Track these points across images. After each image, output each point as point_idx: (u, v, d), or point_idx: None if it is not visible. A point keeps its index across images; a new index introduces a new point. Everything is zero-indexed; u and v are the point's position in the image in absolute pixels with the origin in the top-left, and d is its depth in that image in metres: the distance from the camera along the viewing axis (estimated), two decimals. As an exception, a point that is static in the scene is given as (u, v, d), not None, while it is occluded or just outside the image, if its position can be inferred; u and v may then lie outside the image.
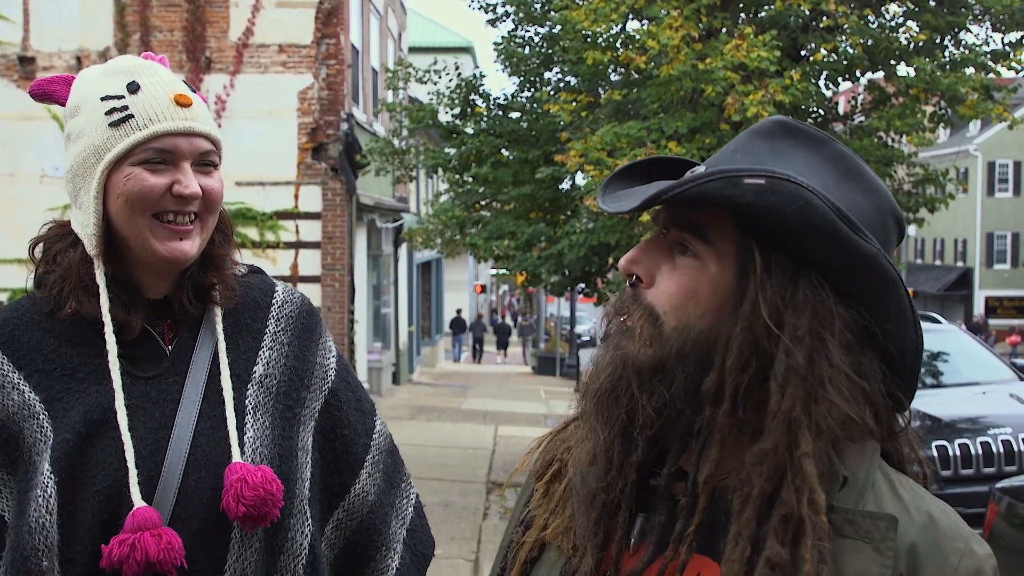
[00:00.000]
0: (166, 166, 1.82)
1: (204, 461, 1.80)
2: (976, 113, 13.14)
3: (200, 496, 1.78)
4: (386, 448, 2.15)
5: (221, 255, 1.95)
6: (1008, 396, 9.73)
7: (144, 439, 1.79)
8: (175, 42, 16.67)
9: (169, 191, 1.81)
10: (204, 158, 1.87)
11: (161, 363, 1.87)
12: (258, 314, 2.00)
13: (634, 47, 12.80)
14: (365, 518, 2.05)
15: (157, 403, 1.83)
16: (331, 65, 16.84)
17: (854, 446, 1.31)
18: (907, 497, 1.30)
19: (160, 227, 1.82)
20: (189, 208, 1.83)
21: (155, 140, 1.81)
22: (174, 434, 1.80)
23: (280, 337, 1.99)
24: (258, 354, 1.95)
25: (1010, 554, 5.79)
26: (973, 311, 50.25)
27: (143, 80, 1.85)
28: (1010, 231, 50.87)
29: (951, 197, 15.14)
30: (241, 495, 1.73)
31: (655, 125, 11.84)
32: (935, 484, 8.67)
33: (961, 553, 1.26)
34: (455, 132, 15.32)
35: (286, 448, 1.89)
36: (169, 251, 1.82)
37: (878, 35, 12.99)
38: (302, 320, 2.05)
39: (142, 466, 1.76)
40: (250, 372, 1.92)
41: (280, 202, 16.79)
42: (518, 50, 15.03)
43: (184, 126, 1.83)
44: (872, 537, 1.23)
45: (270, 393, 1.92)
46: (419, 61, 17.21)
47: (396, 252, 24.64)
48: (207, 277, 1.91)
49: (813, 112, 14.12)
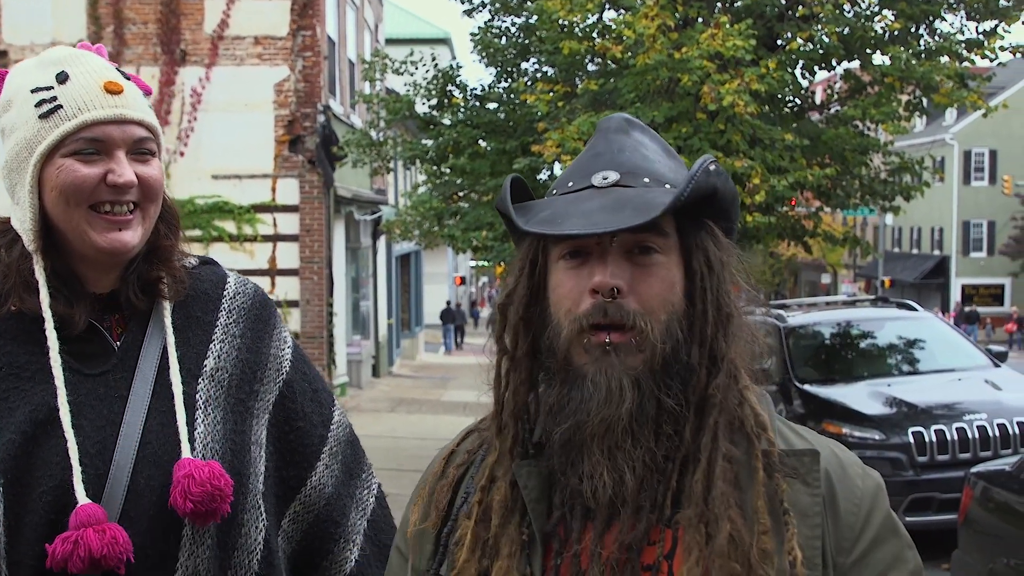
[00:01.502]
0: (99, 156, 1.77)
1: (153, 458, 1.76)
2: (951, 101, 13.23)
3: (150, 494, 1.74)
4: (345, 438, 2.10)
5: (167, 247, 1.90)
6: (983, 382, 9.80)
7: (91, 437, 1.75)
8: (149, 34, 16.57)
9: (103, 181, 1.76)
10: (139, 146, 1.81)
11: (109, 359, 1.83)
12: (209, 306, 1.95)
13: (610, 37, 12.82)
14: (322, 510, 2.02)
15: (105, 400, 1.79)
16: (307, 57, 16.77)
17: (757, 393, 1.50)
18: (807, 435, 1.51)
19: (97, 218, 1.77)
20: (126, 198, 1.78)
21: (85, 129, 1.76)
22: (122, 431, 1.77)
23: (232, 329, 1.95)
24: (209, 347, 1.91)
25: (985, 537, 5.84)
26: (950, 299, 50.55)
27: (72, 69, 1.81)
28: (986, 219, 51.17)
29: (927, 185, 15.21)
30: (188, 491, 1.70)
31: (632, 114, 11.81)
32: (911, 470, 8.73)
33: (862, 476, 1.49)
34: (432, 123, 15.30)
35: (238, 443, 1.85)
36: (108, 242, 1.77)
37: (854, 24, 13.05)
38: (255, 311, 2.00)
39: (89, 464, 1.72)
40: (201, 366, 1.88)
41: (257, 195, 16.73)
42: (495, 40, 15.02)
43: (114, 114, 1.78)
44: (798, 472, 1.42)
45: (221, 387, 1.88)
46: (396, 52, 17.16)
47: (375, 244, 24.60)
48: (153, 270, 1.87)
49: (789, 101, 14.17)
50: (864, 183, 14.58)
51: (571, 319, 1.43)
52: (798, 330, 11.14)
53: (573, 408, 1.41)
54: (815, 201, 15.03)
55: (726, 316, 1.46)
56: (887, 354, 11.14)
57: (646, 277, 1.42)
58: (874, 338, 11.34)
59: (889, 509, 1.50)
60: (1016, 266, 47.39)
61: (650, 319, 1.41)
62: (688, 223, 1.46)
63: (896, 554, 1.46)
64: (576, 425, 1.40)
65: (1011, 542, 5.47)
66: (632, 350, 1.40)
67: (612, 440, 1.39)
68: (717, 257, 1.46)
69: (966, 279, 51.62)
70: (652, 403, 1.40)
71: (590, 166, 1.50)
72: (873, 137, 14.10)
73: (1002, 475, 5.86)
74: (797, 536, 1.38)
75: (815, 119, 14.46)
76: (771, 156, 12.06)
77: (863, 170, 14.34)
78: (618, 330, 1.40)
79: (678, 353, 1.42)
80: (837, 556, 1.42)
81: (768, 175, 11.95)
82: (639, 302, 1.41)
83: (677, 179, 1.49)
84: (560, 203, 1.47)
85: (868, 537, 1.44)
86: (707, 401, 1.42)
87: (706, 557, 1.35)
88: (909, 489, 8.67)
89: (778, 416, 1.53)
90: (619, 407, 1.38)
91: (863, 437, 8.91)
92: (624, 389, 1.39)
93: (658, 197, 1.41)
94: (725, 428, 1.42)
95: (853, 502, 1.45)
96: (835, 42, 12.81)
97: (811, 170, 12.29)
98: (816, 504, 1.42)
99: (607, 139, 1.52)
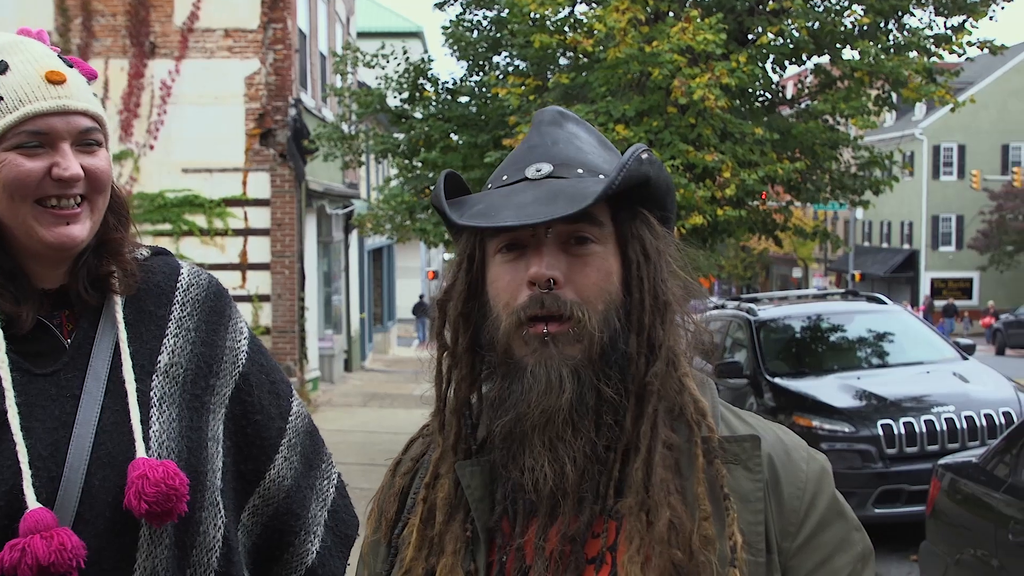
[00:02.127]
0: (43, 149, 1.70)
1: (108, 458, 1.72)
2: (919, 96, 13.31)
3: (105, 495, 1.70)
4: (303, 429, 2.07)
5: (117, 239, 1.85)
6: (951, 375, 9.89)
7: (43, 439, 1.70)
8: (118, 27, 16.43)
9: (48, 175, 1.70)
10: (85, 137, 1.75)
11: (60, 357, 1.77)
12: (162, 300, 1.90)
13: (581, 30, 12.83)
14: (282, 503, 1.99)
15: (57, 400, 1.74)
16: (278, 50, 16.68)
17: (698, 380, 1.50)
18: (751, 421, 1.52)
19: (44, 213, 1.72)
20: (72, 191, 1.72)
21: (27, 122, 1.69)
22: (75, 432, 1.72)
23: (186, 323, 1.90)
24: (163, 343, 1.86)
25: (952, 528, 5.89)
26: (920, 292, 50.88)
27: (12, 59, 1.74)
28: (954, 214, 51.53)
29: (896, 180, 15.32)
30: (143, 492, 1.66)
31: (603, 108, 11.86)
32: (880, 462, 8.79)
33: (807, 459, 1.49)
34: (404, 117, 15.27)
35: (195, 440, 1.81)
36: (55, 237, 1.72)
37: (823, 18, 13.11)
38: (209, 303, 1.95)
39: (42, 467, 1.68)
40: (154, 362, 1.83)
41: (228, 189, 16.63)
42: (466, 34, 15.01)
43: (57, 105, 1.71)
44: (739, 457, 1.43)
45: (176, 383, 1.84)
46: (368, 46, 17.11)
47: (347, 238, 24.52)
48: (103, 264, 1.82)
49: (760, 95, 14.22)
50: (834, 177, 14.66)
51: (509, 312, 1.42)
52: (769, 324, 11.20)
53: (514, 400, 1.41)
54: (786, 195, 15.09)
55: (663, 304, 1.46)
56: (857, 347, 11.22)
57: (582, 267, 1.42)
58: (844, 331, 11.42)
59: (835, 492, 1.49)
60: (984, 260, 47.75)
61: (587, 309, 1.40)
62: (623, 212, 1.47)
63: (843, 536, 1.46)
64: (517, 417, 1.40)
65: (977, 533, 5.52)
66: (571, 340, 1.40)
67: (553, 431, 1.39)
68: (653, 246, 1.47)
69: (935, 273, 51.98)
70: (592, 393, 1.40)
71: (524, 159, 1.50)
72: (843, 132, 14.18)
73: (969, 467, 5.91)
74: (738, 521, 1.38)
75: (785, 113, 14.52)
76: (741, 150, 12.10)
77: (833, 164, 14.42)
78: (556, 321, 1.40)
79: (616, 342, 1.42)
80: (782, 540, 1.42)
81: (738, 169, 11.99)
82: (576, 292, 1.41)
83: (611, 169, 1.47)
84: (494, 196, 1.47)
85: (813, 520, 1.44)
86: (646, 389, 1.42)
87: (647, 544, 1.35)
88: (878, 481, 8.73)
89: (722, 402, 1.53)
90: (559, 397, 1.38)
91: (833, 430, 8.96)
92: (563, 379, 1.38)
93: (591, 187, 1.41)
94: (664, 416, 1.42)
95: (797, 486, 1.45)
96: (805, 36, 12.87)
97: (781, 164, 12.34)
98: (758, 489, 1.42)
99: (541, 132, 1.52)
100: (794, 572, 1.43)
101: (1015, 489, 5.29)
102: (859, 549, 1.47)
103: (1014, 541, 5.03)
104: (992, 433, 8.66)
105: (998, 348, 35.15)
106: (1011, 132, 50.28)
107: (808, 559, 1.43)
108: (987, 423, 8.92)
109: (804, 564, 1.43)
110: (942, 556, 5.84)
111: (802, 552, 1.43)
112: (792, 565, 1.43)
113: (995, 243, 46.31)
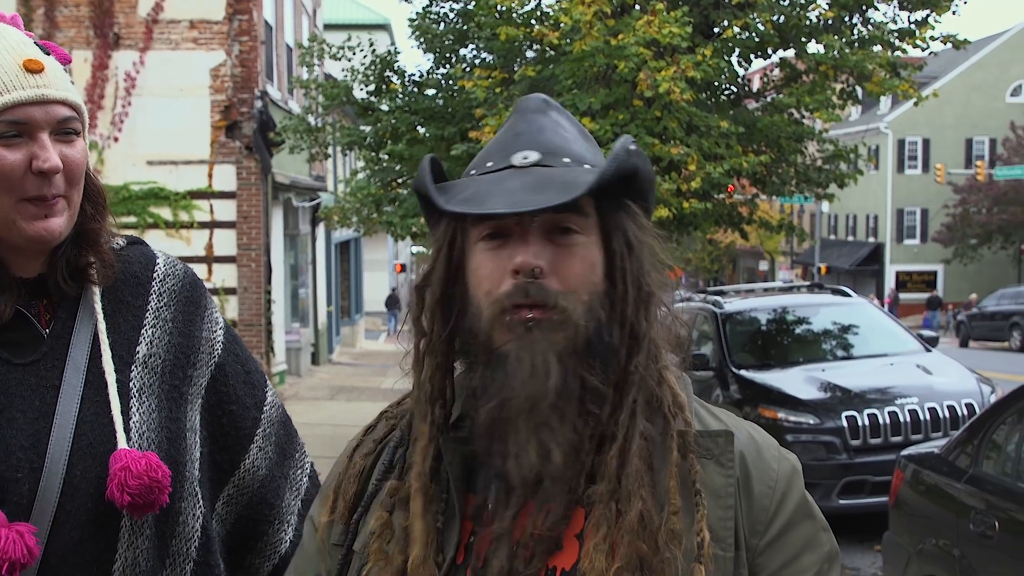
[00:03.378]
0: (21, 139, 1.68)
1: (89, 449, 1.72)
2: (883, 90, 13.42)
3: (86, 486, 1.70)
4: (278, 419, 2.07)
5: (95, 230, 1.83)
6: (915, 367, 9.96)
7: (24, 430, 1.69)
8: (81, 17, 16.27)
9: (29, 169, 1.68)
10: (63, 126, 1.73)
11: (39, 348, 1.77)
12: (139, 290, 1.90)
13: (548, 23, 12.83)
14: (256, 492, 2.00)
15: (36, 391, 1.73)
16: (244, 42, 16.57)
17: (676, 374, 1.50)
18: (724, 418, 1.52)
19: (25, 205, 1.70)
20: (52, 189, 1.70)
21: (6, 112, 1.67)
22: (56, 422, 1.71)
23: (163, 313, 1.90)
24: (140, 333, 1.85)
25: (915, 519, 5.94)
26: (885, 285, 51.24)
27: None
28: (919, 207, 51.89)
29: (860, 173, 15.41)
30: (125, 484, 1.66)
31: (569, 101, 11.87)
32: (844, 453, 8.86)
33: (778, 459, 1.49)
34: (370, 109, 15.22)
35: (173, 431, 1.82)
36: (35, 230, 1.71)
37: (788, 12, 13.18)
38: (185, 293, 1.95)
39: (24, 458, 1.67)
40: (133, 353, 1.83)
41: (193, 181, 16.51)
42: (433, 26, 14.97)
43: (36, 94, 1.69)
44: (712, 453, 1.44)
45: (155, 374, 1.84)
46: (335, 38, 17.03)
47: (314, 231, 24.41)
48: (82, 256, 1.81)
49: (726, 89, 14.28)
50: (799, 171, 14.74)
51: (492, 300, 1.40)
52: (735, 316, 11.25)
53: (497, 387, 1.39)
54: (751, 188, 15.17)
55: (646, 296, 1.45)
56: (822, 340, 11.28)
57: (567, 257, 1.41)
58: (809, 324, 11.48)
59: (804, 492, 1.50)
60: (948, 253, 48.13)
61: (572, 298, 1.39)
62: (608, 203, 1.45)
63: (810, 536, 1.47)
64: (501, 404, 1.38)
65: (939, 523, 5.57)
66: (555, 327, 1.38)
67: (538, 417, 1.36)
68: (637, 237, 1.46)
69: (900, 266, 52.37)
70: (576, 381, 1.39)
71: (510, 146, 1.48)
72: (808, 125, 14.26)
73: (931, 458, 5.96)
74: (707, 518, 1.38)
75: (751, 107, 14.59)
76: (707, 143, 12.15)
77: (798, 158, 14.50)
78: (540, 309, 1.39)
79: (600, 333, 1.42)
80: (751, 537, 1.43)
81: (704, 162, 12.04)
82: (561, 282, 1.40)
83: (595, 160, 1.48)
84: (481, 183, 1.45)
85: (782, 519, 1.45)
86: (626, 380, 1.42)
87: (615, 533, 1.35)
88: (842, 472, 8.79)
89: (696, 398, 1.54)
90: (544, 383, 1.36)
91: (798, 421, 9.02)
92: (549, 365, 1.37)
93: (581, 176, 1.40)
94: (643, 407, 1.41)
95: (767, 484, 1.46)
96: (770, 30, 12.93)
97: (746, 157, 12.40)
98: (729, 485, 1.43)
99: (526, 119, 1.51)
100: (761, 569, 1.44)
101: (976, 480, 5.34)
102: (826, 549, 1.48)
103: (975, 531, 5.08)
104: (955, 424, 8.73)
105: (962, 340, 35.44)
106: (974, 126, 50.72)
107: (775, 557, 1.44)
108: (950, 414, 9.00)
109: (771, 562, 1.44)
110: (905, 546, 5.89)
111: (770, 550, 1.44)
112: (760, 562, 1.44)
113: (959, 236, 46.68)
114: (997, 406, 5.65)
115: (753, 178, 13.80)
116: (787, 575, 1.44)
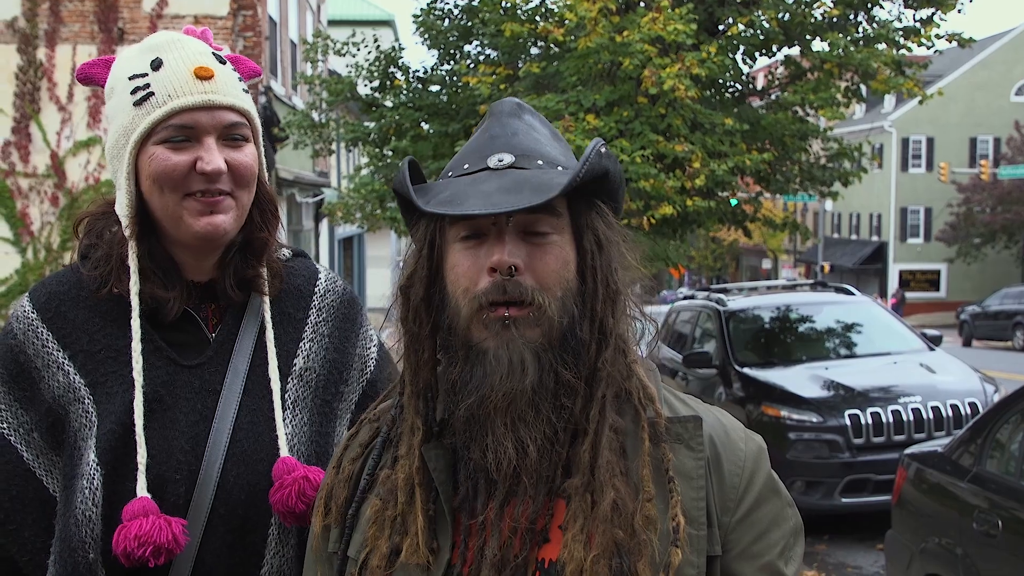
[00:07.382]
0: (189, 143, 1.76)
1: (243, 456, 1.78)
2: (887, 88, 13.39)
3: (239, 492, 1.76)
4: None
5: (263, 239, 1.89)
6: (918, 365, 9.95)
7: (185, 432, 1.76)
8: (86, 12, 16.25)
9: (193, 169, 1.75)
10: (230, 131, 1.79)
11: (204, 351, 1.83)
12: (300, 303, 1.96)
13: (552, 20, 12.82)
14: None
15: (199, 394, 1.79)
16: (248, 37, 16.55)
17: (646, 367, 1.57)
18: (693, 404, 1.59)
19: (191, 202, 1.76)
20: (217, 186, 1.76)
21: (174, 117, 1.75)
22: (214, 427, 1.77)
23: (321, 328, 1.96)
24: (299, 346, 1.91)
25: (918, 517, 5.93)
26: (888, 284, 51.18)
27: (167, 56, 1.80)
28: (923, 206, 51.80)
29: (864, 171, 15.38)
30: (303, 493, 1.72)
31: (573, 98, 11.87)
32: (847, 452, 8.84)
33: (745, 439, 1.56)
34: (374, 105, 15.22)
35: (322, 445, 1.87)
36: (202, 226, 1.77)
37: (793, 10, 13.16)
38: (343, 310, 2.01)
39: (183, 460, 1.74)
40: (290, 365, 1.89)
41: (197, 176, 16.49)
42: (437, 22, 14.96)
43: (202, 100, 1.76)
44: (683, 437, 1.50)
45: (309, 387, 1.89)
46: (339, 34, 17.03)
47: (317, 227, 24.42)
48: (249, 268, 1.87)
49: (730, 86, 14.26)
50: (803, 168, 14.72)
51: (469, 298, 1.45)
52: (738, 314, 11.24)
53: (476, 383, 1.44)
54: (755, 186, 15.15)
55: (614, 293, 1.51)
56: (825, 338, 11.26)
57: (542, 255, 1.46)
58: (812, 322, 11.47)
59: (770, 470, 1.57)
60: (952, 252, 48.05)
61: (547, 295, 1.45)
62: (579, 204, 1.51)
63: (777, 512, 1.54)
64: (479, 400, 1.43)
65: (942, 522, 5.56)
66: (531, 323, 1.43)
67: (515, 412, 1.42)
68: (607, 236, 1.52)
69: (903, 265, 52.28)
70: (551, 376, 1.44)
71: (486, 148, 1.54)
72: (812, 123, 14.24)
73: (934, 456, 5.95)
74: (681, 503, 1.44)
75: (755, 105, 14.57)
76: (711, 140, 12.14)
77: (802, 156, 14.48)
78: (516, 306, 1.44)
79: (574, 329, 1.47)
80: (722, 515, 1.50)
81: (708, 159, 12.03)
82: (536, 279, 1.45)
83: (567, 162, 1.54)
84: (458, 184, 1.50)
85: (751, 497, 1.52)
86: (596, 374, 1.47)
87: (591, 523, 1.40)
88: (845, 471, 8.78)
89: (665, 386, 1.59)
90: (522, 380, 1.42)
91: (801, 420, 9.00)
92: (526, 362, 1.42)
93: (555, 178, 1.46)
94: (612, 400, 1.48)
95: (736, 464, 1.53)
96: (775, 28, 12.92)
97: (750, 155, 12.38)
98: (700, 467, 1.49)
99: (501, 122, 1.56)
100: (733, 545, 1.50)
101: (979, 479, 5.33)
102: (791, 524, 1.55)
103: (978, 530, 5.07)
104: (958, 423, 8.73)
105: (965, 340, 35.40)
106: (979, 125, 50.61)
107: (746, 533, 1.51)
108: (953, 413, 8.99)
109: (742, 538, 1.50)
110: (907, 545, 5.88)
111: (740, 526, 1.51)
112: (732, 539, 1.50)
113: (962, 235, 46.59)
114: (1001, 405, 5.64)
115: (757, 176, 13.78)
116: (757, 550, 1.50)
